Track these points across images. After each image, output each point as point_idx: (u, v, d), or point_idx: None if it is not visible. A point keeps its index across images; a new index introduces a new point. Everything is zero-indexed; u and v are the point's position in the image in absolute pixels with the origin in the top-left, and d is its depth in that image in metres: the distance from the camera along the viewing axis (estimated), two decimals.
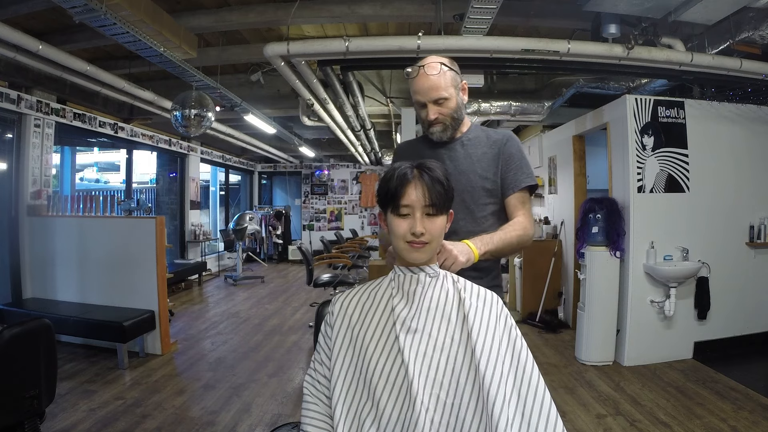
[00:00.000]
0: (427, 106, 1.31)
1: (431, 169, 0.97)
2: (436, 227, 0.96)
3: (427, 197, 0.94)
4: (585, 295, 3.52)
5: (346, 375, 0.93)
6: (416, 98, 1.33)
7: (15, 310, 3.63)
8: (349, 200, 10.57)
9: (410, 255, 0.97)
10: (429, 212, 0.95)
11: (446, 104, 1.31)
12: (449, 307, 0.95)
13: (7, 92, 3.75)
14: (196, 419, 2.57)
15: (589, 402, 2.78)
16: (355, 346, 0.95)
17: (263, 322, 4.75)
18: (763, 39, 2.65)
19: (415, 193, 0.94)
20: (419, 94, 1.31)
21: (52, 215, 4.05)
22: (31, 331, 1.76)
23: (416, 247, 0.96)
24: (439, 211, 0.96)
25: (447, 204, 0.98)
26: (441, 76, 1.28)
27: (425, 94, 1.30)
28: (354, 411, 0.90)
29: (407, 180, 0.95)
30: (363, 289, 1.04)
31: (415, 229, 0.94)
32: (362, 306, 1.00)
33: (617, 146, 3.59)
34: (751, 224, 3.62)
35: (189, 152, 7.18)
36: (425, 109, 1.32)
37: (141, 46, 2.88)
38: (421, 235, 0.94)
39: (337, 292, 4.28)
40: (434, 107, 1.30)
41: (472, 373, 0.87)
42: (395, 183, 0.96)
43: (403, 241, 0.96)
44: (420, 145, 1.45)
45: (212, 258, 8.18)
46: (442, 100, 1.30)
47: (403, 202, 0.95)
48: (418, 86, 1.31)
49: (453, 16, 2.97)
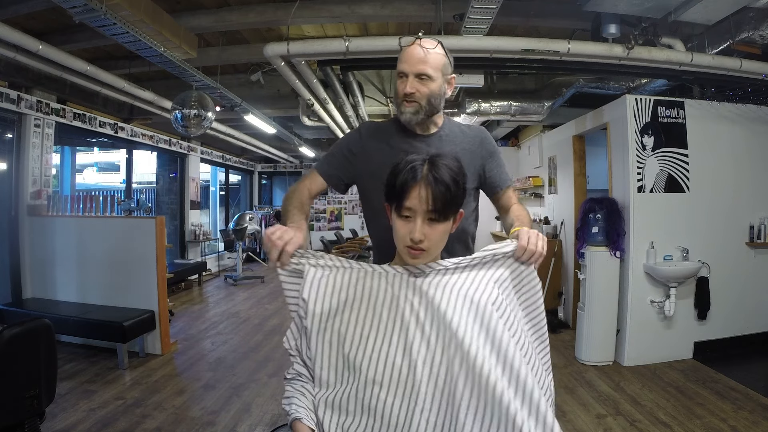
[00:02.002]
0: (408, 78, 1.21)
1: (441, 168, 0.90)
2: (436, 234, 0.92)
3: (430, 203, 0.88)
4: (585, 295, 3.52)
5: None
6: (400, 67, 1.23)
7: (15, 310, 3.62)
8: (349, 200, 10.57)
9: (408, 259, 0.95)
10: (431, 218, 0.90)
11: (427, 84, 1.21)
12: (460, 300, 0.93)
13: (7, 92, 3.75)
14: (196, 419, 2.57)
15: (589, 402, 2.78)
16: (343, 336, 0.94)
17: (263, 322, 4.75)
18: (763, 39, 2.65)
19: (418, 198, 0.89)
20: (405, 62, 1.21)
21: (52, 215, 4.04)
22: (31, 331, 1.76)
23: (414, 254, 0.93)
24: (443, 218, 0.91)
25: (454, 208, 0.93)
26: (433, 54, 1.20)
27: (411, 64, 1.20)
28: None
29: (414, 180, 0.89)
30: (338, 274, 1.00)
31: (413, 236, 0.90)
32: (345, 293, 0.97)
33: (617, 146, 3.59)
34: (751, 224, 3.62)
35: (189, 152, 7.18)
36: (404, 81, 1.22)
37: (141, 46, 2.88)
38: (420, 242, 0.90)
39: None
40: (414, 81, 1.20)
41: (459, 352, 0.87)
42: (401, 180, 0.90)
43: (403, 245, 0.93)
44: (393, 132, 1.32)
45: (212, 258, 8.18)
46: (425, 76, 1.20)
47: (405, 204, 0.90)
48: (407, 55, 1.22)
49: (453, 16, 2.97)
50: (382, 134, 1.33)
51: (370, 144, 1.32)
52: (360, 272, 0.99)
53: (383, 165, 1.10)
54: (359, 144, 1.34)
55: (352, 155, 1.34)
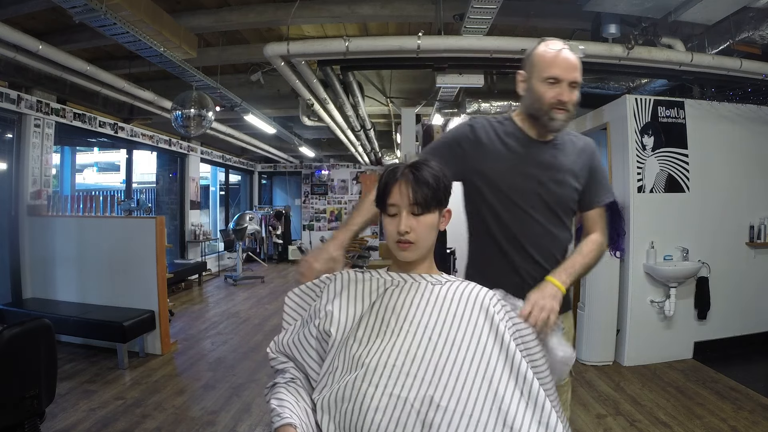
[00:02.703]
0: (561, 85, 1.15)
1: (421, 167, 0.96)
2: (422, 226, 0.95)
3: (411, 196, 0.94)
4: (585, 295, 3.51)
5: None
6: (552, 72, 1.15)
7: (15, 310, 3.62)
8: (349, 200, 10.56)
9: (399, 254, 0.98)
10: (414, 211, 0.94)
11: (575, 92, 1.17)
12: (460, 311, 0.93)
13: (7, 92, 3.74)
14: (196, 419, 2.57)
15: (589, 402, 2.78)
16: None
17: (263, 322, 4.75)
18: (763, 39, 2.65)
19: (399, 193, 0.94)
20: (558, 67, 1.15)
21: (52, 215, 4.04)
22: (31, 331, 1.76)
23: (402, 247, 0.96)
24: (425, 210, 0.95)
25: (435, 203, 0.96)
26: (579, 62, 1.17)
27: (566, 70, 1.15)
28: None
29: (394, 179, 0.95)
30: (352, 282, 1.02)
31: (399, 228, 0.94)
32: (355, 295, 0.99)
33: (617, 146, 3.59)
34: (751, 224, 3.62)
35: (189, 152, 7.18)
36: (557, 87, 1.15)
37: (141, 46, 2.88)
38: (406, 234, 0.94)
39: None
40: (568, 89, 1.16)
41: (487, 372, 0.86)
42: (383, 182, 0.97)
43: (393, 241, 0.97)
44: (509, 133, 1.26)
45: (212, 258, 8.18)
46: (576, 84, 1.17)
47: (389, 201, 0.96)
48: (559, 60, 1.15)
49: (453, 16, 2.97)
50: (497, 135, 1.27)
51: (485, 143, 1.26)
52: (380, 281, 1.01)
53: (498, 167, 1.18)
54: (470, 140, 1.27)
55: (461, 150, 1.27)
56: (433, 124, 4.85)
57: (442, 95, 4.15)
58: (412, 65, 3.63)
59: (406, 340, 0.88)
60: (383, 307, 0.94)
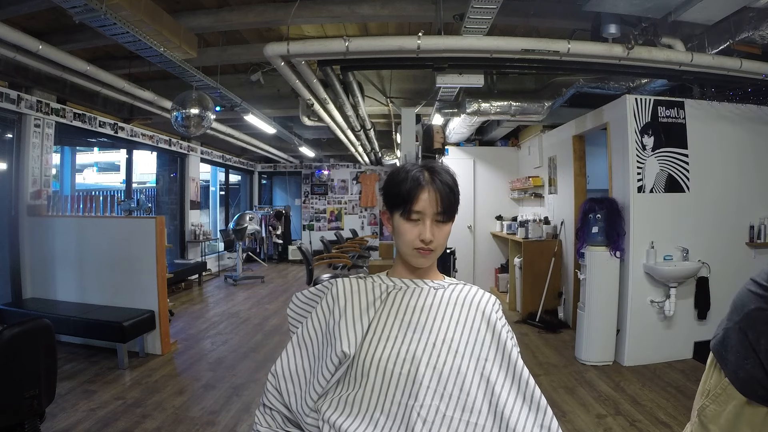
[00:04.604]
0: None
1: (441, 173, 0.95)
2: (443, 234, 0.95)
3: (438, 204, 0.92)
4: (585, 295, 3.52)
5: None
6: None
7: (15, 310, 3.62)
8: (349, 200, 10.57)
9: (416, 260, 0.97)
10: (438, 219, 0.94)
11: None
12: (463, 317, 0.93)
13: (7, 92, 3.74)
14: (196, 419, 2.57)
15: (589, 402, 2.78)
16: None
17: (263, 322, 4.75)
18: (763, 39, 2.65)
19: (428, 200, 0.92)
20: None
21: (52, 215, 4.04)
22: (31, 331, 1.76)
23: (423, 254, 0.95)
24: (449, 219, 0.95)
25: (455, 210, 0.97)
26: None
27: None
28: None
29: (420, 185, 0.93)
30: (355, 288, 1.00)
31: (424, 236, 0.93)
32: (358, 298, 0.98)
33: (617, 146, 3.59)
34: (751, 224, 3.62)
35: (189, 152, 7.18)
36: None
37: (141, 46, 2.87)
38: (430, 243, 0.93)
39: None
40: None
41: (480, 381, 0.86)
42: (408, 186, 0.93)
43: (411, 248, 0.95)
44: None
45: (212, 258, 8.18)
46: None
47: (415, 207, 0.93)
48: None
49: (453, 16, 2.97)
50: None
51: None
52: (381, 287, 1.00)
53: None
54: None
55: None
56: (433, 124, 4.85)
57: (442, 95, 4.15)
58: (412, 65, 3.63)
59: (411, 345, 0.89)
60: (386, 313, 0.95)
